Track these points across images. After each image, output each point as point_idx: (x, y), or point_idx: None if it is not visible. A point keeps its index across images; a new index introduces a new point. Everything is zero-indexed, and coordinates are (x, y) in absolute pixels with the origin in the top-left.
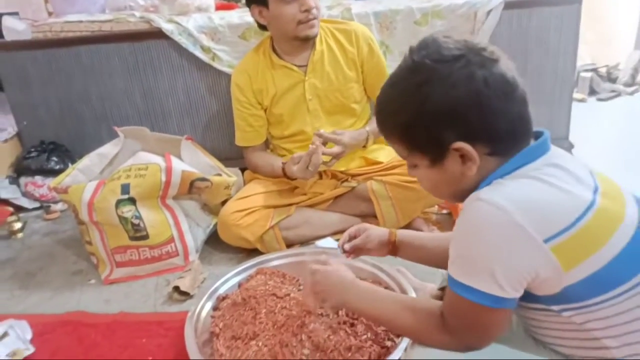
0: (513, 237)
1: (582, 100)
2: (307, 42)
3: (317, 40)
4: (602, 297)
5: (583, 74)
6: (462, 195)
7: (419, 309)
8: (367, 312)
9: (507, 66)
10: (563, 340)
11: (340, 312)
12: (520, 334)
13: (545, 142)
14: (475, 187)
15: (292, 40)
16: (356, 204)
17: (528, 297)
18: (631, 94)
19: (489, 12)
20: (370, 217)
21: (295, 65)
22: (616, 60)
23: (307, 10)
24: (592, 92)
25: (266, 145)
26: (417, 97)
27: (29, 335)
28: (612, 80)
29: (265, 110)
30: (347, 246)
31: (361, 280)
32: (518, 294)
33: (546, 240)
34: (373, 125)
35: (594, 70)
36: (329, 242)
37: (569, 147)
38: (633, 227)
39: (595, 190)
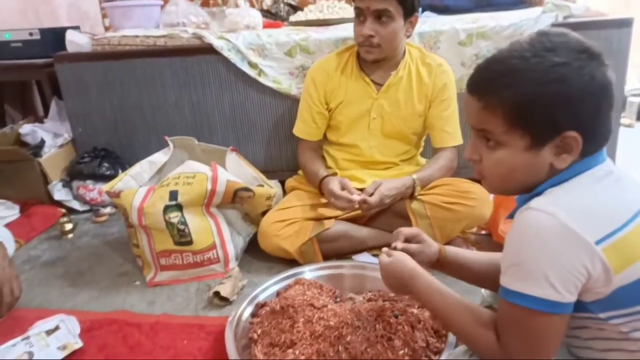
0: (564, 240)
1: (629, 126)
2: (376, 62)
3: (402, 65)
4: None
5: (631, 99)
6: (527, 188)
7: (481, 315)
8: (429, 303)
9: (612, 75)
10: (606, 353)
11: (377, 326)
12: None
13: (604, 152)
14: (543, 182)
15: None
16: (394, 221)
17: (576, 305)
18: None
19: None
20: None
21: (373, 82)
22: None
23: (364, 36)
24: None
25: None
26: (552, 75)
27: (77, 330)
28: None
29: (328, 112)
30: (400, 246)
31: (428, 276)
32: (572, 297)
33: (597, 242)
34: (422, 174)
35: None
36: (365, 257)
37: None
38: None
39: None
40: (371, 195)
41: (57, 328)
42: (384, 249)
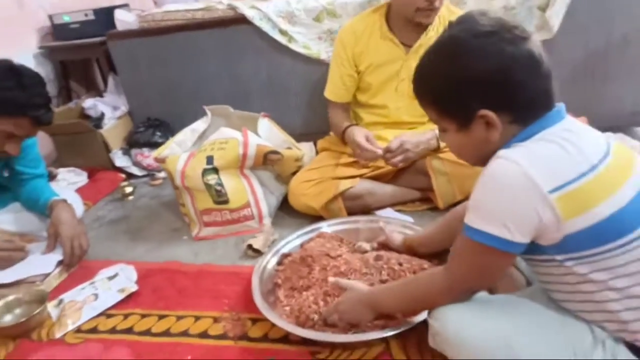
0: (521, 186)
1: None
2: (420, 26)
3: (432, 25)
4: (602, 248)
5: None
6: (485, 159)
7: (421, 275)
8: (392, 303)
9: (536, 44)
10: (571, 295)
11: (382, 272)
12: (539, 293)
13: (560, 111)
14: (497, 149)
15: (408, 21)
16: (416, 178)
17: (535, 248)
18: None
19: None
20: (429, 190)
21: (402, 43)
22: None
23: (430, 1)
24: None
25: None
26: (449, 67)
27: (134, 277)
28: None
29: (358, 74)
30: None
31: (371, 288)
32: (523, 239)
33: (551, 191)
34: None
35: None
36: (388, 212)
37: None
38: (635, 190)
39: (606, 155)
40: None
41: (116, 275)
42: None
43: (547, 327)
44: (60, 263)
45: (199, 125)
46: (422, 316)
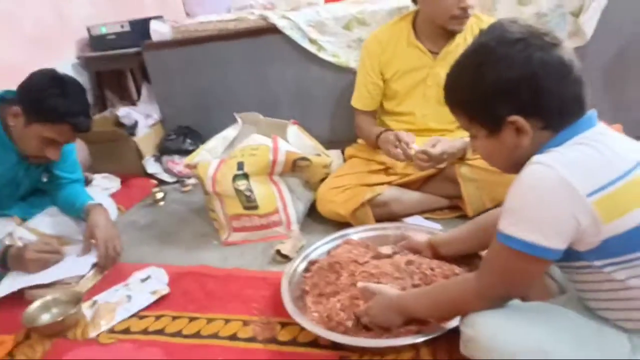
0: (559, 191)
1: None
2: (448, 33)
3: (459, 32)
4: None
5: None
6: (516, 166)
7: (457, 277)
8: (423, 309)
9: (567, 51)
10: (609, 303)
11: (414, 277)
12: (574, 302)
13: (592, 117)
14: (528, 159)
15: (437, 28)
16: (444, 185)
17: (572, 255)
18: None
19: None
20: (456, 198)
21: (429, 50)
22: None
23: (464, 9)
24: None
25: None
26: (476, 75)
27: (165, 279)
28: None
29: (384, 82)
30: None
31: (401, 292)
32: (560, 245)
33: (589, 195)
34: None
35: None
36: (417, 220)
37: None
38: None
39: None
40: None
41: (148, 277)
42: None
43: (582, 335)
44: (95, 265)
45: (230, 132)
46: (453, 323)
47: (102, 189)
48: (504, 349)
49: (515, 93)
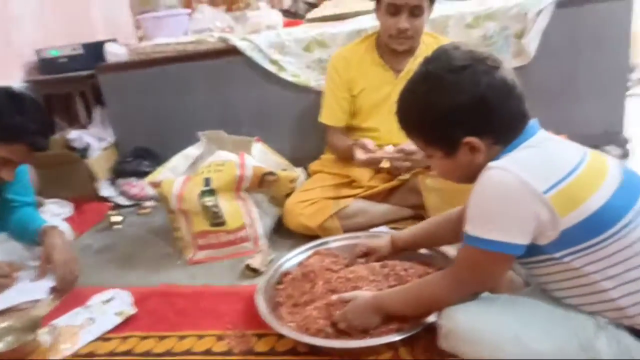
0: (518, 191)
1: None
2: (407, 52)
3: (419, 50)
4: (595, 240)
5: None
6: (470, 178)
7: (430, 277)
8: (399, 306)
9: (507, 70)
10: (570, 290)
11: (389, 278)
12: (538, 293)
13: (534, 125)
14: (481, 169)
15: (386, 46)
16: (408, 196)
17: (534, 250)
18: None
19: (539, 12)
20: (421, 208)
21: (392, 69)
22: None
23: (400, 30)
24: None
25: None
26: (430, 102)
27: (130, 300)
28: None
29: (352, 98)
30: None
31: (376, 293)
32: (525, 241)
33: (545, 191)
34: None
35: None
36: (383, 230)
37: (623, 142)
38: (616, 182)
39: (584, 155)
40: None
41: (111, 298)
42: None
43: (551, 320)
44: (52, 290)
45: (193, 151)
46: (430, 319)
47: (52, 214)
48: (482, 338)
49: (468, 117)
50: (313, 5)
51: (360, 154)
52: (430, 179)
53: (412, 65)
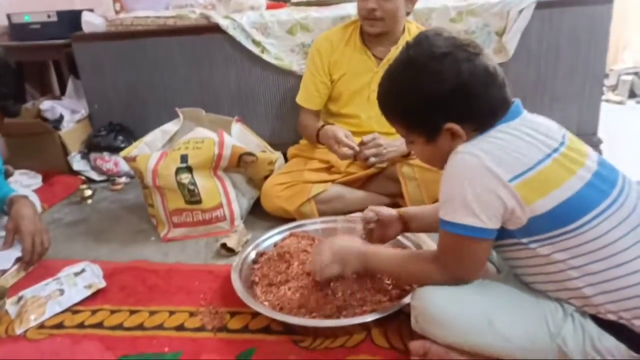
0: (484, 176)
1: (620, 103)
2: (378, 36)
3: (402, 40)
4: (561, 230)
5: (624, 77)
6: None
7: (420, 254)
8: (383, 267)
9: (489, 57)
10: (538, 277)
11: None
12: (510, 279)
13: (518, 106)
14: None
15: (367, 32)
16: (386, 184)
17: (504, 233)
18: None
19: (521, 11)
20: (398, 196)
21: (374, 55)
22: None
23: (368, 10)
24: (633, 95)
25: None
26: (412, 88)
27: (100, 274)
28: None
29: (331, 82)
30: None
31: (371, 246)
32: (494, 224)
33: (510, 180)
34: None
35: (636, 73)
36: (358, 216)
37: (597, 143)
38: (589, 174)
39: (561, 144)
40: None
41: (83, 271)
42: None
43: (522, 304)
44: (18, 260)
45: (170, 126)
46: (404, 301)
47: (21, 185)
48: (453, 319)
49: (449, 103)
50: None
51: (344, 150)
52: (407, 167)
53: (394, 53)
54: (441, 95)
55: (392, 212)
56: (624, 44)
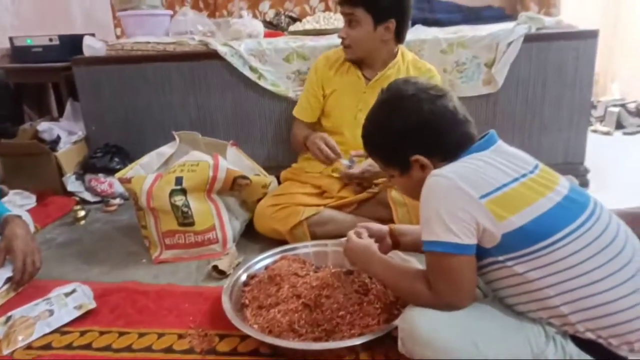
0: (457, 196)
1: (607, 133)
2: (363, 60)
3: (392, 64)
4: (533, 247)
5: (611, 109)
6: None
7: (412, 271)
8: (381, 277)
9: (450, 99)
10: (518, 297)
11: (354, 285)
12: (496, 303)
13: (490, 138)
14: None
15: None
16: (377, 209)
17: (482, 253)
18: None
19: (509, 44)
20: (388, 221)
21: (364, 76)
22: None
23: (340, 39)
24: (620, 126)
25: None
26: (384, 125)
27: (91, 295)
28: None
29: (324, 97)
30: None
31: (382, 254)
32: (470, 241)
33: (480, 197)
34: None
35: (623, 105)
36: None
37: (584, 172)
38: (560, 196)
39: (531, 172)
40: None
41: (74, 291)
42: (355, 230)
43: (507, 328)
44: (8, 280)
45: (166, 149)
46: (392, 324)
47: (15, 205)
48: (439, 341)
49: (415, 137)
50: (294, 19)
51: (327, 151)
52: (397, 193)
53: (381, 76)
54: (407, 129)
55: (383, 227)
56: (612, 76)
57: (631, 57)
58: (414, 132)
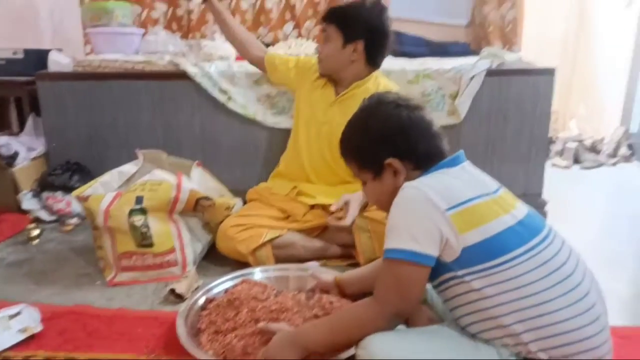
0: (424, 206)
1: (566, 167)
2: (335, 76)
3: (360, 84)
4: (491, 263)
5: (569, 144)
6: None
7: (354, 304)
8: (321, 340)
9: (427, 112)
10: (473, 316)
11: (314, 309)
12: (452, 326)
13: (459, 156)
14: None
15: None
16: (340, 235)
17: (442, 268)
18: (613, 164)
19: (472, 77)
20: (351, 247)
21: (335, 91)
22: (602, 134)
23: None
24: (577, 161)
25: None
26: (362, 128)
27: (38, 318)
28: (597, 152)
29: (294, 93)
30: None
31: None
32: (433, 252)
33: (447, 209)
34: None
35: (580, 141)
36: (313, 265)
37: (542, 204)
38: (517, 218)
39: (494, 192)
40: (341, 209)
41: (19, 313)
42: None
43: (462, 351)
44: None
45: (129, 167)
46: (349, 352)
47: None
48: None
49: (390, 141)
50: (268, 45)
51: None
52: (361, 219)
53: (348, 93)
54: (384, 131)
55: (330, 278)
56: (570, 113)
57: (588, 96)
58: (391, 136)
